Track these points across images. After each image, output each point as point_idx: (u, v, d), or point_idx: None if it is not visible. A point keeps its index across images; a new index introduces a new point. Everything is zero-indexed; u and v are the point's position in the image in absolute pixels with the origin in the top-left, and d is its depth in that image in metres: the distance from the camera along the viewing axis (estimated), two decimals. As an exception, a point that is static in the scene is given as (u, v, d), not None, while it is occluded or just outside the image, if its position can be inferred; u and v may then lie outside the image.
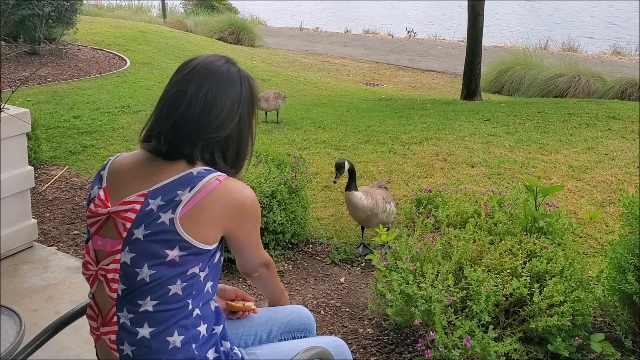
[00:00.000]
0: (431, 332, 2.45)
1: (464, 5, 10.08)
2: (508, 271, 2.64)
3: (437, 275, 2.65)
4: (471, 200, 3.29)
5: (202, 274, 1.54)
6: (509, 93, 11.95)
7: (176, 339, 1.51)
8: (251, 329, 1.88)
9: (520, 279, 2.57)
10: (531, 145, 6.04)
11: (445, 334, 2.46)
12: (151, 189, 1.52)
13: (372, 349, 2.89)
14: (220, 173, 1.55)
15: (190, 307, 1.53)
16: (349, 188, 3.61)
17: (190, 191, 1.50)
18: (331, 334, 2.99)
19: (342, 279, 3.56)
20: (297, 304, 3.22)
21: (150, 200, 1.50)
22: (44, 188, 4.80)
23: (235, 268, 3.40)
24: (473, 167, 5.44)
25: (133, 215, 1.50)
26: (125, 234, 1.51)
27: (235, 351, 1.67)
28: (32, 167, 3.65)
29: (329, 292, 3.42)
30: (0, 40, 8.84)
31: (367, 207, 3.61)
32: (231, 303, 1.89)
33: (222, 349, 1.62)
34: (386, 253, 3.31)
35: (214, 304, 1.63)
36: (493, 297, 2.50)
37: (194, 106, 1.56)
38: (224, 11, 19.38)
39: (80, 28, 10.63)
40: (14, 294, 3.20)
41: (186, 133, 1.56)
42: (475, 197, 3.35)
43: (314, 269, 3.67)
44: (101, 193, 1.58)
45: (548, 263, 2.67)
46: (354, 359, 2.80)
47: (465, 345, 2.37)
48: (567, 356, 2.48)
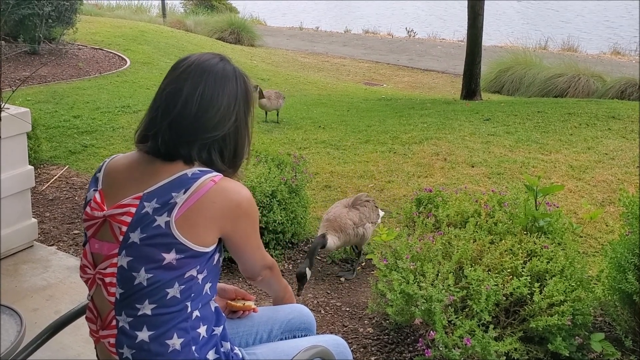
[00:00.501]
0: (431, 331, 2.45)
1: (463, 5, 10.08)
2: (508, 271, 2.65)
3: (437, 275, 2.65)
4: (471, 200, 3.29)
5: (200, 276, 1.53)
6: (509, 93, 11.95)
7: (176, 342, 1.50)
8: (252, 328, 1.88)
9: (520, 278, 2.57)
10: (531, 145, 6.04)
11: (446, 333, 2.46)
12: (146, 191, 1.50)
13: (373, 348, 2.89)
14: (215, 174, 1.53)
15: (189, 309, 1.52)
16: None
17: (185, 193, 1.48)
18: (331, 333, 2.99)
19: (342, 278, 3.56)
20: (298, 303, 3.24)
21: (146, 203, 1.48)
22: (44, 188, 4.80)
23: (236, 267, 3.40)
24: (473, 166, 5.44)
25: (129, 219, 1.48)
26: (121, 238, 1.49)
27: (235, 351, 1.67)
28: (33, 167, 3.65)
29: (329, 291, 3.42)
30: (0, 40, 8.83)
31: (339, 247, 3.46)
32: (231, 303, 1.89)
33: (222, 349, 1.62)
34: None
35: (214, 305, 1.62)
36: (493, 296, 2.50)
37: (190, 105, 1.54)
38: (224, 11, 19.39)
39: (80, 28, 10.62)
40: (14, 293, 3.19)
41: (183, 133, 1.54)
42: (475, 196, 3.35)
43: (314, 268, 3.66)
44: (97, 196, 1.57)
45: (548, 262, 2.68)
46: (354, 358, 2.81)
47: (465, 344, 2.37)
48: (568, 355, 2.48)
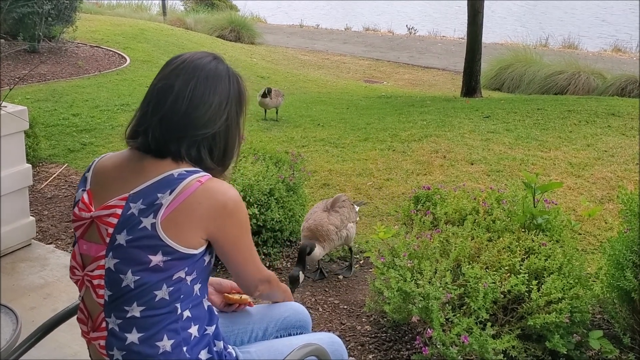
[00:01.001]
0: (429, 329, 2.45)
1: (464, 2, 10.06)
2: (506, 268, 2.64)
3: (434, 273, 2.64)
4: (469, 198, 3.28)
5: (188, 278, 1.51)
6: (509, 90, 11.94)
7: (166, 343, 1.49)
8: (247, 326, 1.87)
9: (518, 276, 2.56)
10: (531, 142, 6.03)
11: (443, 331, 2.46)
12: (132, 192, 1.49)
13: (370, 346, 2.89)
14: (203, 174, 1.51)
15: (179, 310, 1.51)
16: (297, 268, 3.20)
17: (170, 194, 1.46)
18: (329, 331, 2.99)
19: (340, 276, 3.55)
20: (295, 301, 3.23)
21: (132, 204, 1.47)
22: (42, 186, 4.79)
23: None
24: (472, 164, 5.43)
25: (115, 220, 1.47)
26: (108, 240, 1.48)
27: (229, 350, 1.65)
28: (30, 165, 3.64)
29: (327, 289, 3.41)
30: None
31: (324, 255, 3.39)
32: (228, 295, 1.88)
33: (215, 349, 1.60)
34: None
35: (206, 304, 1.60)
36: (491, 294, 2.49)
37: (181, 101, 1.53)
38: (224, 9, 19.36)
39: (80, 26, 10.61)
40: (11, 291, 3.19)
41: (173, 129, 1.53)
42: (473, 194, 3.35)
43: (312, 266, 3.65)
44: (85, 196, 1.56)
45: (546, 260, 2.67)
46: (352, 356, 2.81)
47: (463, 342, 2.37)
48: (565, 353, 2.48)
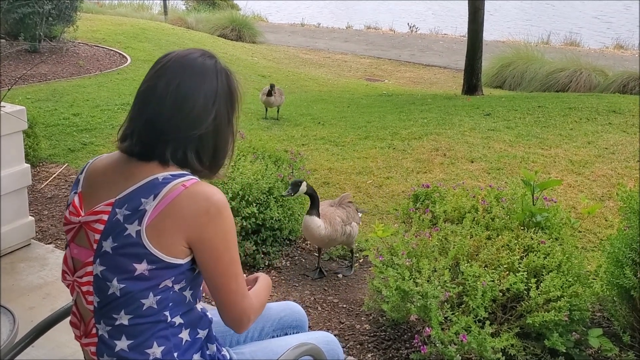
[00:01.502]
0: (427, 328, 2.44)
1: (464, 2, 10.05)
2: (505, 266, 2.63)
3: (433, 271, 2.64)
4: (469, 196, 3.28)
5: (177, 286, 1.46)
6: (511, 88, 11.91)
7: (156, 350, 1.46)
8: (244, 325, 1.85)
9: (517, 274, 2.55)
10: (531, 139, 6.01)
11: (442, 329, 2.45)
12: (118, 197, 1.45)
13: (369, 345, 2.88)
14: (188, 178, 1.46)
15: (169, 318, 1.47)
16: (310, 212, 3.29)
17: (154, 199, 1.41)
18: (328, 330, 2.98)
19: (339, 275, 3.55)
20: (294, 300, 3.23)
21: (117, 210, 1.43)
22: (42, 186, 4.79)
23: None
24: (472, 162, 5.42)
25: (101, 227, 1.44)
26: (95, 246, 1.45)
27: (223, 353, 1.63)
28: (29, 165, 3.64)
29: (326, 288, 3.41)
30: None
31: (325, 237, 3.31)
32: None
33: (208, 352, 1.57)
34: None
35: (200, 307, 1.57)
36: (490, 292, 2.49)
37: (164, 103, 1.47)
38: (226, 8, 19.34)
39: (81, 25, 10.61)
40: (10, 291, 3.19)
41: (158, 132, 1.47)
42: (473, 192, 3.34)
43: (311, 265, 3.65)
44: (76, 199, 1.53)
45: (545, 258, 2.66)
46: (351, 355, 2.80)
47: (461, 340, 2.36)
48: (565, 351, 2.47)
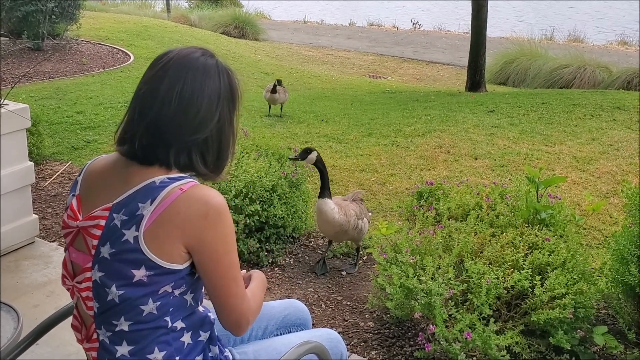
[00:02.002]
0: (432, 325, 2.43)
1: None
2: (509, 264, 2.62)
3: (437, 269, 2.63)
4: (473, 193, 3.26)
5: (177, 291, 1.44)
6: (514, 84, 11.89)
7: (157, 356, 1.44)
8: (247, 324, 1.84)
9: (521, 271, 2.54)
10: (535, 136, 6.00)
11: (446, 327, 2.45)
12: (115, 201, 1.41)
13: (373, 342, 2.87)
14: (187, 181, 1.42)
15: (170, 324, 1.45)
16: (322, 195, 3.25)
17: (152, 203, 1.38)
18: (332, 327, 2.98)
19: (343, 272, 3.54)
20: (298, 298, 3.23)
21: (115, 215, 1.40)
22: (46, 184, 4.79)
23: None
24: (476, 159, 5.41)
25: (99, 232, 1.41)
26: (93, 252, 1.42)
27: (225, 354, 1.61)
28: (33, 163, 3.64)
29: (330, 285, 3.40)
30: (-1, 37, 8.84)
31: (338, 223, 3.27)
32: None
33: (210, 354, 1.55)
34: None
35: (201, 308, 1.54)
36: (494, 290, 2.48)
37: (168, 106, 1.42)
38: (228, 5, 19.34)
39: (84, 23, 10.62)
40: (14, 289, 3.19)
41: (161, 136, 1.43)
42: (477, 189, 3.33)
43: (315, 262, 3.65)
44: (74, 202, 1.50)
45: (550, 255, 2.65)
46: (355, 352, 2.79)
47: (466, 338, 2.35)
48: (570, 349, 2.46)
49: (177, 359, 1.47)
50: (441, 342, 2.40)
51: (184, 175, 1.46)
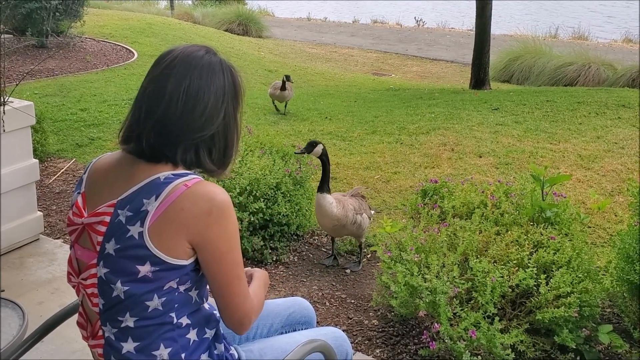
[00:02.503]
0: (436, 323, 2.43)
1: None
2: (514, 262, 2.62)
3: (442, 267, 2.63)
4: (477, 191, 3.26)
5: (182, 287, 1.44)
6: (519, 82, 11.85)
7: (163, 352, 1.45)
8: (252, 322, 1.84)
9: (526, 270, 2.54)
10: (540, 134, 5.98)
11: (451, 325, 2.44)
12: (120, 198, 1.42)
13: (378, 340, 2.87)
14: (191, 177, 1.43)
15: (175, 320, 1.45)
16: (321, 189, 3.28)
17: (156, 200, 1.38)
18: (336, 325, 2.98)
19: (347, 270, 3.54)
20: (302, 295, 3.23)
21: (119, 211, 1.41)
22: (50, 181, 4.80)
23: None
24: (481, 157, 5.40)
25: (103, 229, 1.41)
26: (98, 248, 1.43)
27: (231, 352, 1.61)
28: (37, 160, 3.64)
29: (334, 283, 3.40)
30: (1, 33, 8.84)
31: (336, 217, 3.28)
32: None
33: (215, 352, 1.56)
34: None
35: (207, 305, 1.55)
36: (499, 288, 2.47)
37: (174, 105, 1.43)
38: (232, 2, 19.32)
39: (88, 21, 10.63)
40: (19, 287, 3.20)
41: (169, 134, 1.44)
42: (482, 187, 3.32)
43: (319, 260, 3.65)
44: (79, 200, 1.50)
45: (555, 254, 2.64)
46: (359, 350, 2.79)
47: (470, 336, 2.35)
48: (574, 348, 2.45)
49: (183, 355, 1.47)
50: (446, 341, 2.40)
51: (188, 171, 1.46)
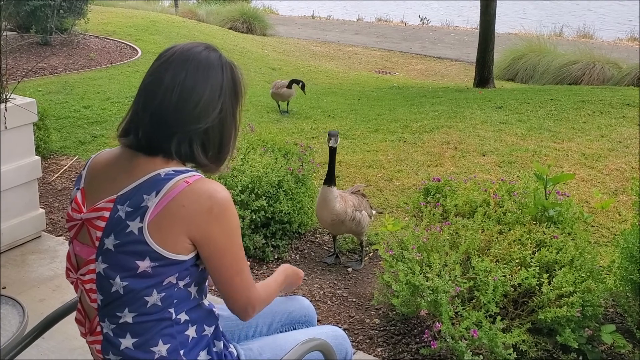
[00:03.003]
0: (438, 323, 2.42)
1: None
2: (517, 261, 2.61)
3: (444, 266, 2.61)
4: (480, 190, 3.24)
5: (181, 283, 1.44)
6: (523, 80, 11.83)
7: (161, 348, 1.45)
8: (252, 320, 1.83)
9: (529, 269, 2.52)
10: (543, 133, 5.96)
11: (452, 324, 2.43)
12: (119, 193, 1.43)
13: (379, 339, 2.86)
14: (192, 174, 1.44)
15: (174, 316, 1.45)
16: (329, 182, 3.22)
17: (156, 195, 1.39)
18: (337, 324, 2.97)
19: (349, 269, 3.53)
20: (303, 294, 3.22)
21: (119, 207, 1.41)
22: (53, 178, 4.80)
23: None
24: (484, 155, 5.38)
25: (103, 224, 1.42)
26: (97, 244, 1.43)
27: (230, 349, 1.61)
28: (40, 158, 3.64)
29: (335, 282, 3.39)
30: (3, 31, 8.85)
31: (336, 211, 3.26)
32: None
33: (214, 349, 1.55)
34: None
35: (206, 303, 1.55)
36: (501, 287, 2.46)
37: (170, 96, 1.44)
38: (236, 0, 19.33)
39: (92, 18, 10.64)
40: (21, 284, 3.20)
41: (164, 125, 1.45)
42: (484, 186, 3.31)
43: (321, 258, 3.64)
44: (78, 195, 1.51)
45: (557, 253, 2.63)
46: (360, 349, 2.78)
47: (472, 336, 2.34)
48: (577, 347, 2.44)
49: (182, 352, 1.47)
50: (447, 340, 2.39)
51: (188, 168, 1.47)
